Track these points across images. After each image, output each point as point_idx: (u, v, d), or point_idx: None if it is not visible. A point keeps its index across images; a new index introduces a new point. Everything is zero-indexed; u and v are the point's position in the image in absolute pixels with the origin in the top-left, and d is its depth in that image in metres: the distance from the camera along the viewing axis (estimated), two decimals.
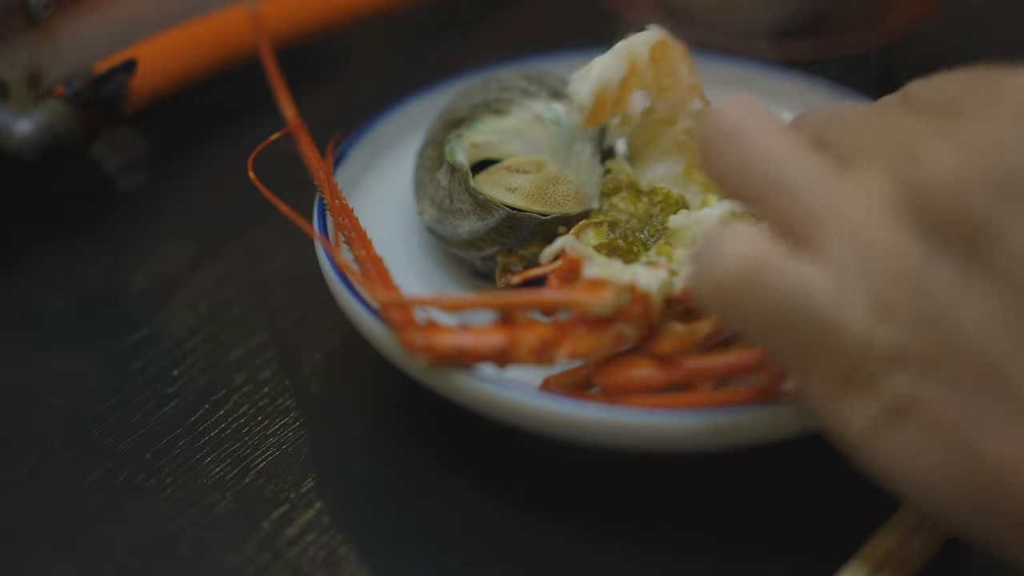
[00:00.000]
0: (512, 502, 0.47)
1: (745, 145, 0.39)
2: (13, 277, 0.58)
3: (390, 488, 0.48)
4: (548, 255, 0.48)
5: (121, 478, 0.48)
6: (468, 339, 0.43)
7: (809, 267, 0.37)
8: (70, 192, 0.63)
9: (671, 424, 0.42)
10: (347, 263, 0.47)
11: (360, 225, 0.49)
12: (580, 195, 0.52)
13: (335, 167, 0.54)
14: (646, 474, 0.48)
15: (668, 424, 0.42)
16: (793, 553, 0.45)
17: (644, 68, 0.52)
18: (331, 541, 0.45)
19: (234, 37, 0.65)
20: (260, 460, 0.49)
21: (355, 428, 0.50)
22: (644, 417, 0.42)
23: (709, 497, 0.47)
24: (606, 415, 0.43)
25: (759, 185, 0.39)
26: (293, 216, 0.49)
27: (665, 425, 0.43)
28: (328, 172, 0.52)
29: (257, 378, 0.52)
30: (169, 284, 0.58)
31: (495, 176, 0.52)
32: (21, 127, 0.55)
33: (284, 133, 0.53)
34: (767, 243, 0.37)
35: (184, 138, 0.67)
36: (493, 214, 0.51)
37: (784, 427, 0.43)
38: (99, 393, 0.51)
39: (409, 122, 0.59)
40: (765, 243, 0.37)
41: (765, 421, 0.43)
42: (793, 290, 0.37)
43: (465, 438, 0.49)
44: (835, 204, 0.37)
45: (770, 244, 0.37)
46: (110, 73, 0.58)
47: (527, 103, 0.54)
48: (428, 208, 0.53)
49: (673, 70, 0.52)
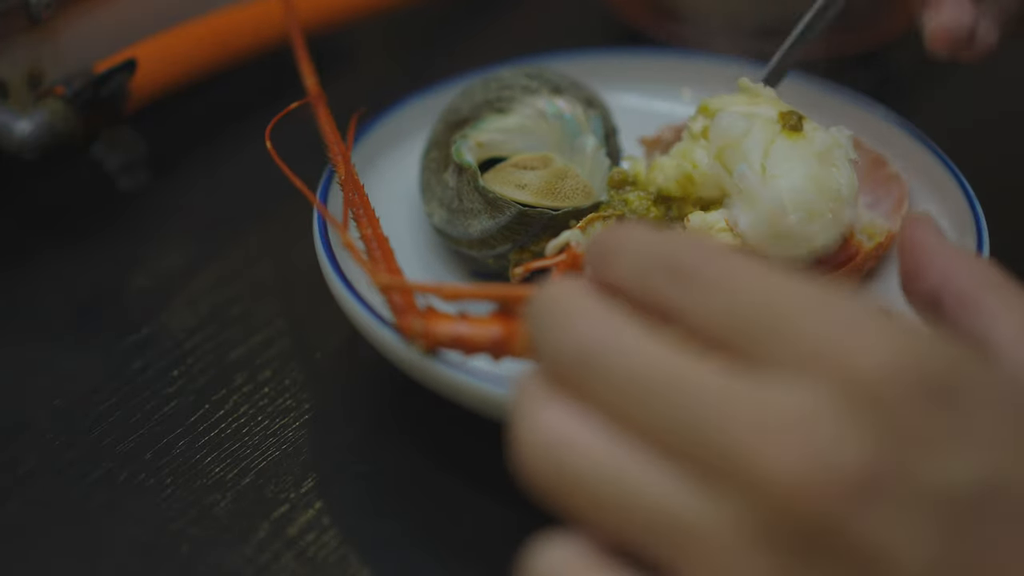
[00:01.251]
0: (512, 502, 0.47)
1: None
2: (13, 277, 0.58)
3: (390, 488, 0.48)
4: (553, 248, 0.48)
5: (121, 478, 0.48)
6: (466, 328, 0.43)
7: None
8: (70, 192, 0.63)
9: None
10: (352, 242, 0.47)
11: (369, 203, 0.49)
12: (588, 188, 0.52)
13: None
14: None
15: None
16: None
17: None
18: (331, 541, 0.45)
19: (234, 37, 0.65)
20: (260, 460, 0.49)
21: (355, 428, 0.50)
22: None
23: None
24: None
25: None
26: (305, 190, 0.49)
27: None
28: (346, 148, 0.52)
29: (257, 378, 0.52)
30: (169, 284, 0.58)
31: (503, 174, 0.52)
32: (21, 127, 0.55)
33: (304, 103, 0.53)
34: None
35: (184, 138, 0.67)
36: (504, 212, 0.51)
37: None
38: (99, 393, 0.51)
39: (409, 124, 0.59)
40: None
41: None
42: None
43: (465, 438, 0.49)
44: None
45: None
46: (110, 73, 0.58)
47: (529, 100, 0.54)
48: (437, 210, 0.53)
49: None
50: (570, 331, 0.32)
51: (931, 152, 0.56)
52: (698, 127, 0.52)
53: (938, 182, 0.55)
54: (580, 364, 0.32)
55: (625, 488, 0.31)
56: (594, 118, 0.54)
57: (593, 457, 0.31)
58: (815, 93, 0.59)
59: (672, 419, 0.30)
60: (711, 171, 0.50)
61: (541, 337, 0.33)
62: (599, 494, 0.31)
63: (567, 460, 0.31)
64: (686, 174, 0.51)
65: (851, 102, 0.59)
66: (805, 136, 0.51)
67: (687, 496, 0.30)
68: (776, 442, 0.29)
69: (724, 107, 0.52)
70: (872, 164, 0.56)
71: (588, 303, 0.33)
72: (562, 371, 0.32)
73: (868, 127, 0.58)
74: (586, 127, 0.54)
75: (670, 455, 0.30)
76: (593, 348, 0.32)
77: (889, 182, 0.55)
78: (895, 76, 0.73)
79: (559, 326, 0.33)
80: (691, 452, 0.30)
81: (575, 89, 0.55)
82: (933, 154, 0.56)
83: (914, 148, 0.56)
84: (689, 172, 0.51)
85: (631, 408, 0.31)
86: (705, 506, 0.30)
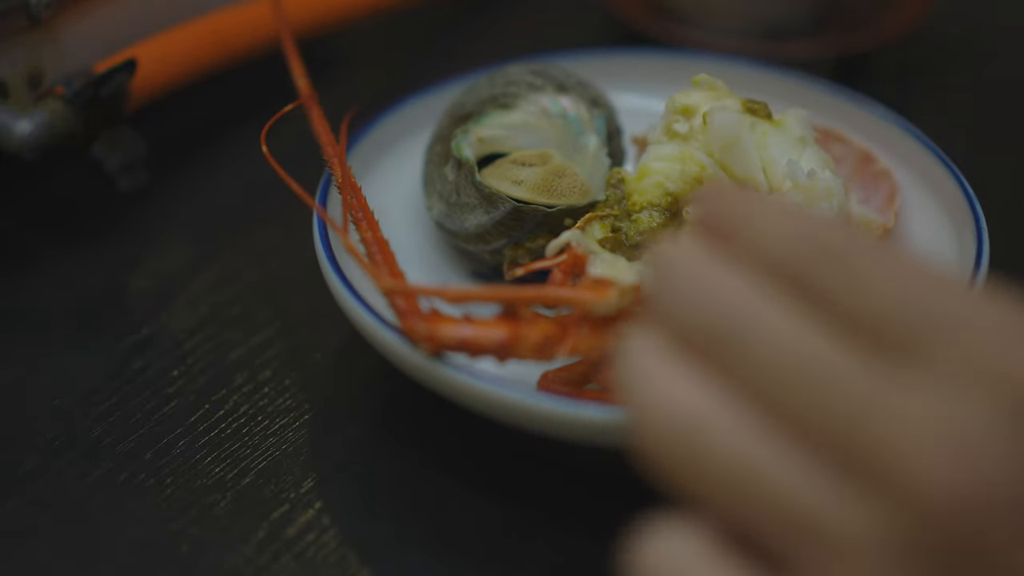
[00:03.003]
0: (512, 501, 0.47)
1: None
2: (13, 277, 0.58)
3: (390, 488, 0.48)
4: (553, 248, 0.48)
5: (121, 478, 0.48)
6: (471, 331, 0.43)
7: None
8: (70, 192, 0.63)
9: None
10: (353, 245, 0.47)
11: (368, 205, 0.49)
12: (586, 187, 0.52)
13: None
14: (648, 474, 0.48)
15: None
16: None
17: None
18: (331, 541, 0.45)
19: (234, 37, 0.65)
20: (260, 460, 0.49)
21: (355, 428, 0.50)
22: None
23: None
24: (605, 415, 0.43)
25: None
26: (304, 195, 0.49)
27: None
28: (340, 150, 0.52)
29: (257, 378, 0.52)
30: (169, 284, 0.58)
31: (501, 169, 0.52)
32: (21, 127, 0.55)
33: (297, 104, 0.53)
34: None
35: (184, 138, 0.67)
36: (499, 207, 0.51)
37: None
38: (99, 393, 0.51)
39: (412, 121, 0.59)
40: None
41: None
42: None
43: (465, 438, 0.49)
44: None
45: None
46: (110, 73, 0.58)
47: (533, 97, 0.54)
48: (436, 203, 0.54)
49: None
50: (711, 298, 0.30)
51: (931, 152, 0.56)
52: (683, 128, 0.52)
53: (938, 182, 0.55)
54: (719, 336, 0.29)
55: (761, 477, 0.29)
56: (598, 117, 0.54)
57: (730, 439, 0.29)
58: (815, 93, 0.59)
59: (818, 408, 0.28)
60: (715, 171, 0.50)
61: (670, 300, 0.30)
62: (732, 480, 0.29)
63: (700, 440, 0.29)
64: (695, 176, 0.50)
65: (851, 102, 0.59)
66: (782, 124, 0.51)
67: (827, 494, 0.28)
68: (933, 451, 0.27)
69: (697, 104, 0.52)
70: (861, 160, 0.56)
71: (728, 270, 0.30)
72: (694, 340, 0.30)
73: (868, 127, 0.58)
74: (589, 126, 0.54)
75: (812, 447, 0.28)
76: (737, 320, 0.29)
77: (879, 177, 0.55)
78: (896, 75, 0.73)
79: (697, 290, 0.30)
80: (836, 447, 0.28)
81: (580, 88, 0.55)
82: (933, 154, 0.56)
83: (914, 148, 0.56)
84: (698, 174, 0.50)
85: (773, 390, 0.29)
86: (846, 508, 0.28)
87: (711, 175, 0.50)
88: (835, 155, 0.55)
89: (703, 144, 0.51)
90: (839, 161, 0.56)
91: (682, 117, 0.52)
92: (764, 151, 0.50)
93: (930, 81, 0.73)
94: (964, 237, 0.51)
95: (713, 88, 0.53)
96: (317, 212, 0.50)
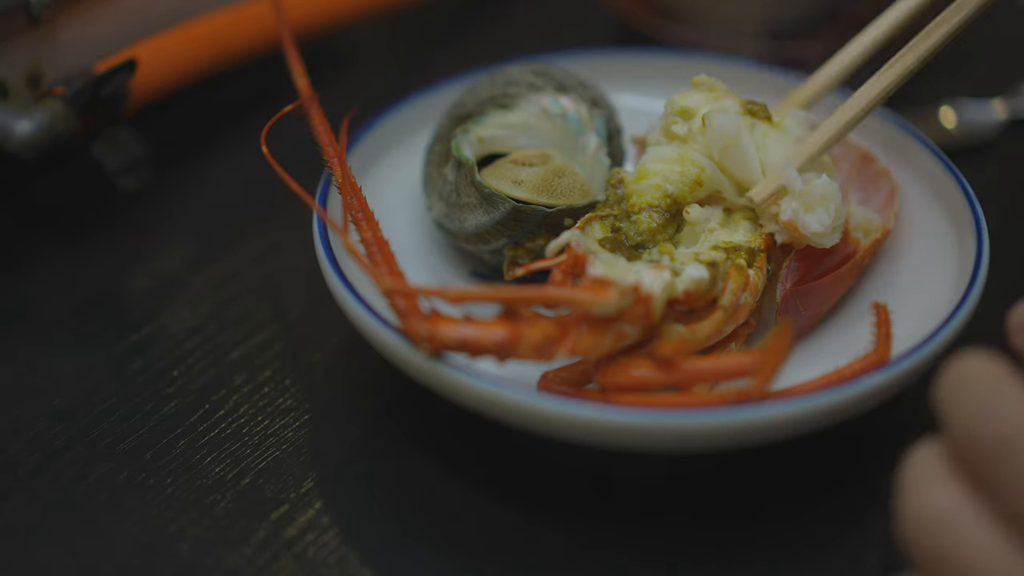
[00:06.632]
0: (512, 501, 0.47)
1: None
2: (13, 277, 0.58)
3: (390, 488, 0.48)
4: (553, 248, 0.48)
5: (121, 478, 0.48)
6: (471, 331, 0.43)
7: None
8: (70, 192, 0.63)
9: (670, 424, 0.42)
10: (353, 245, 0.47)
11: (368, 206, 0.49)
12: (586, 187, 0.52)
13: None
14: (646, 474, 0.48)
15: (667, 424, 0.42)
16: (792, 553, 0.45)
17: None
18: (331, 541, 0.45)
19: (234, 37, 0.65)
20: (260, 460, 0.49)
21: (355, 428, 0.50)
22: (643, 417, 0.42)
23: (709, 495, 0.47)
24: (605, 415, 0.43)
25: None
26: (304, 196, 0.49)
27: (664, 425, 0.42)
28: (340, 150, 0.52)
29: (257, 378, 0.52)
30: (169, 284, 0.58)
31: (501, 169, 0.52)
32: (21, 127, 0.55)
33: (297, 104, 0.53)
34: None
35: (184, 138, 0.67)
36: (499, 207, 0.51)
37: (776, 429, 0.43)
38: (99, 393, 0.51)
39: (411, 121, 0.59)
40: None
41: (757, 423, 0.43)
42: None
43: (464, 438, 0.49)
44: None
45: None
46: (110, 73, 0.58)
47: (534, 97, 0.54)
48: (436, 203, 0.54)
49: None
50: (994, 413, 0.31)
51: (931, 152, 0.56)
52: (682, 130, 0.52)
53: (938, 182, 0.55)
54: (995, 451, 0.31)
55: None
56: (598, 118, 0.54)
57: (976, 547, 0.31)
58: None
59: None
60: (714, 172, 0.50)
61: (955, 413, 0.32)
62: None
63: (950, 542, 0.31)
64: (695, 178, 0.50)
65: None
66: (781, 125, 0.51)
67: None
68: None
69: (696, 105, 0.52)
70: (861, 160, 0.56)
71: (1016, 387, 0.32)
72: (971, 453, 0.31)
73: (869, 128, 0.58)
74: (589, 126, 0.54)
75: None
76: (1018, 437, 0.31)
77: (879, 178, 0.55)
78: None
79: (982, 404, 0.31)
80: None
81: (581, 88, 0.55)
82: (933, 154, 0.56)
83: (914, 148, 0.56)
84: (697, 176, 0.50)
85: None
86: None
87: (710, 177, 0.50)
88: (835, 155, 0.55)
89: (702, 146, 0.51)
90: (839, 161, 0.56)
91: (681, 119, 0.52)
92: (763, 152, 0.51)
93: (929, 81, 0.73)
94: (964, 237, 0.51)
95: (712, 89, 0.53)
96: (317, 212, 0.50)
